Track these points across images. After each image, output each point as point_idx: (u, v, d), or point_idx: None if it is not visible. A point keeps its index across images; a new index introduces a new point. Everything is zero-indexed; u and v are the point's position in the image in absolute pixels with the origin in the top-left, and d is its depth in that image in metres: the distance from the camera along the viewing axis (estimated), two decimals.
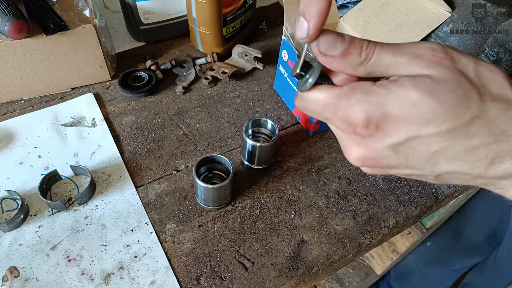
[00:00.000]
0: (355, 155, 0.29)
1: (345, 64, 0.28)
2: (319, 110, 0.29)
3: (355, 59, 0.27)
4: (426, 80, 0.25)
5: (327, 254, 0.55)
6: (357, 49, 0.27)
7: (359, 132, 0.27)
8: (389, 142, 0.27)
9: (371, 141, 0.27)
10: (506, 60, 0.54)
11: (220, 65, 0.78)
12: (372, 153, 0.28)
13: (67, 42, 0.65)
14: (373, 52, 0.27)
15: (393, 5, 0.67)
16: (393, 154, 0.27)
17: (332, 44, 0.27)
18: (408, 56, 0.26)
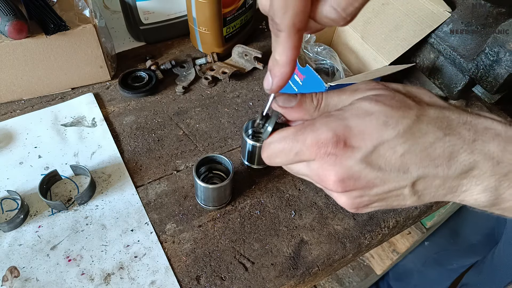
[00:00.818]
0: (334, 178, 0.31)
1: (301, 111, 0.33)
2: (288, 147, 0.32)
3: (309, 106, 0.33)
4: (370, 96, 0.31)
5: (327, 254, 0.55)
6: (308, 98, 0.33)
7: (331, 152, 0.30)
8: (360, 155, 0.29)
9: (344, 158, 0.30)
10: (506, 60, 0.54)
11: (220, 65, 0.78)
12: (349, 171, 0.30)
13: (67, 42, 0.65)
14: (322, 97, 0.33)
15: (393, 5, 0.67)
16: (367, 168, 0.30)
17: (288, 99, 0.33)
18: (349, 92, 0.32)
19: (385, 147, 0.29)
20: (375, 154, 0.29)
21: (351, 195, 0.31)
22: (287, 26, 0.29)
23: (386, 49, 0.66)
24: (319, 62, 0.67)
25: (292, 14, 0.28)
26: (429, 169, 0.29)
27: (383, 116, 0.29)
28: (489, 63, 0.56)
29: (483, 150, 0.29)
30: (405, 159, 0.29)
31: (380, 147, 0.29)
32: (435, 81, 0.69)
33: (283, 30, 0.29)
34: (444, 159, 0.29)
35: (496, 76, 0.56)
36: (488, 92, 0.60)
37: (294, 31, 0.29)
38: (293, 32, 0.29)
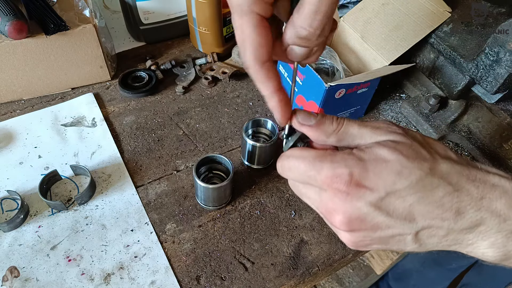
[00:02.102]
0: (341, 218, 0.31)
1: (319, 131, 0.34)
2: (303, 168, 0.32)
3: (328, 128, 0.33)
4: (388, 142, 0.31)
5: (327, 254, 0.55)
6: (328, 120, 0.33)
7: (343, 189, 0.30)
8: (371, 198, 0.30)
9: (355, 198, 0.30)
10: (506, 60, 0.54)
11: (220, 65, 0.78)
12: (357, 212, 0.30)
13: (67, 42, 0.65)
14: (343, 123, 0.33)
15: (393, 5, 0.67)
16: (375, 211, 0.30)
17: (307, 117, 0.34)
18: (370, 128, 0.33)
19: (396, 195, 0.30)
20: (385, 200, 0.30)
21: (354, 234, 0.32)
22: (250, 61, 0.31)
23: (386, 49, 0.65)
24: (319, 62, 0.67)
25: (251, 50, 0.30)
26: (435, 221, 0.30)
27: (399, 165, 0.30)
28: (489, 63, 0.56)
29: (490, 208, 0.30)
30: (413, 209, 0.30)
31: (392, 194, 0.30)
32: (435, 81, 0.69)
33: (248, 66, 0.31)
34: (451, 214, 0.30)
35: (496, 76, 0.56)
36: (488, 92, 0.60)
37: (259, 64, 0.31)
38: (258, 66, 0.31)
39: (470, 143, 0.69)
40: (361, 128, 0.33)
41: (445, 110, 0.72)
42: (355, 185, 0.30)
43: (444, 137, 0.70)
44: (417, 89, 0.76)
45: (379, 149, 0.31)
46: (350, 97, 0.65)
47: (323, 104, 0.62)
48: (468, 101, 0.70)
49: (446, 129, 0.70)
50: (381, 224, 0.31)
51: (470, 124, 0.71)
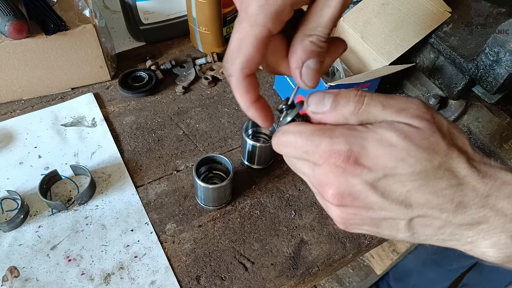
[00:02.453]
0: (334, 191, 0.30)
1: (337, 115, 0.30)
2: (300, 143, 0.30)
3: (345, 108, 0.29)
4: (403, 126, 0.28)
5: (327, 254, 0.55)
6: (344, 98, 0.29)
7: (340, 164, 0.29)
8: (368, 177, 0.29)
9: (351, 175, 0.29)
10: (506, 60, 0.54)
11: (220, 65, 0.78)
12: (351, 188, 0.29)
13: (67, 42, 0.65)
14: (363, 101, 0.29)
15: (393, 5, 0.67)
16: (370, 191, 0.29)
17: (321, 102, 0.30)
18: (396, 109, 0.29)
19: (395, 179, 0.29)
20: (382, 181, 0.29)
21: (345, 210, 0.31)
22: (236, 70, 0.30)
23: (386, 49, 0.65)
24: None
25: (243, 60, 0.29)
26: (433, 211, 0.29)
27: (405, 153, 0.28)
28: (489, 63, 0.56)
29: (496, 206, 0.28)
30: (411, 195, 0.29)
31: (390, 177, 0.29)
32: (435, 81, 0.69)
33: (231, 74, 0.30)
34: (452, 206, 0.29)
35: (496, 76, 0.56)
36: (488, 92, 0.60)
37: (243, 76, 0.30)
38: (242, 76, 0.30)
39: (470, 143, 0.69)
40: (385, 108, 0.29)
41: (445, 110, 0.72)
42: (353, 162, 0.29)
43: None
44: (417, 89, 0.76)
45: (388, 131, 0.28)
46: None
47: None
48: (468, 101, 0.70)
49: None
50: (374, 205, 0.30)
51: (470, 124, 0.71)
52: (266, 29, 0.29)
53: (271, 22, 0.29)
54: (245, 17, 0.29)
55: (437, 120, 0.30)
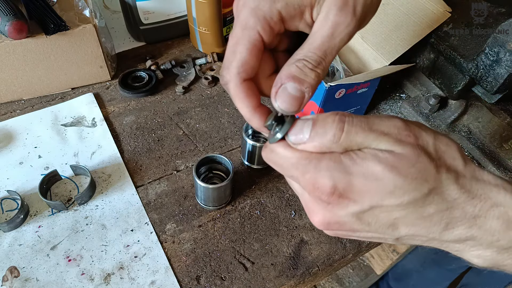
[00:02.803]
0: (320, 220, 0.30)
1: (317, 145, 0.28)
2: (286, 166, 0.30)
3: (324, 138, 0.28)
4: (388, 156, 0.27)
5: (327, 254, 0.55)
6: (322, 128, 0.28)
7: (324, 199, 0.29)
8: (353, 210, 0.28)
9: (336, 208, 0.29)
10: (506, 60, 0.54)
11: (220, 65, 0.78)
12: (337, 218, 0.30)
13: (67, 42, 0.65)
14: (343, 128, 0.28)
15: (393, 5, 0.67)
16: (356, 221, 0.29)
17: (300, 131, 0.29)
18: (377, 134, 0.28)
19: (381, 210, 0.28)
20: (369, 212, 0.29)
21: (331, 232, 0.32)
22: (232, 74, 0.29)
23: (386, 49, 0.65)
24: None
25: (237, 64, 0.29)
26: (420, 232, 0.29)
27: (392, 186, 0.27)
28: (489, 63, 0.56)
29: (484, 227, 0.28)
30: (398, 221, 0.29)
31: (377, 209, 0.28)
32: (435, 81, 0.69)
33: (228, 80, 0.30)
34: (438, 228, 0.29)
35: (496, 76, 0.56)
36: (488, 92, 0.60)
37: (240, 81, 0.30)
38: (239, 81, 0.30)
39: (470, 143, 0.69)
40: (366, 134, 0.28)
41: (445, 110, 0.72)
42: (337, 197, 0.28)
43: None
44: (417, 89, 0.76)
45: (373, 163, 0.27)
46: (350, 97, 0.65)
47: (323, 104, 0.62)
48: (468, 101, 0.70)
49: (446, 129, 0.70)
50: (361, 230, 0.30)
51: (470, 124, 0.71)
52: (257, 32, 0.29)
53: (260, 26, 0.29)
54: (237, 23, 0.30)
55: (422, 140, 0.28)
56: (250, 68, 0.30)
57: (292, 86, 0.28)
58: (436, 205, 0.28)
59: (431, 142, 0.29)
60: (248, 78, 0.30)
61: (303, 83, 0.28)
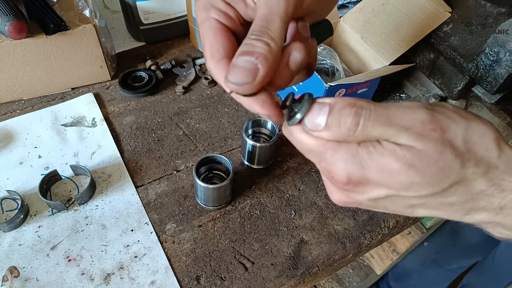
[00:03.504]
0: (337, 199, 0.31)
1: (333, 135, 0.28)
2: (304, 151, 0.30)
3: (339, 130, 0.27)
4: (406, 154, 0.26)
5: (327, 254, 0.55)
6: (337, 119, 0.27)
7: (339, 186, 0.29)
8: (369, 196, 0.29)
9: (352, 193, 0.29)
10: (506, 60, 0.54)
11: None
12: (353, 201, 0.30)
13: (67, 42, 0.65)
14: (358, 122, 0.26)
15: (393, 5, 0.67)
16: (373, 203, 0.30)
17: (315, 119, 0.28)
18: (398, 128, 0.26)
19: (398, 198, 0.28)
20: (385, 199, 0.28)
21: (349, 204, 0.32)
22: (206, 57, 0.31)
23: (386, 49, 0.65)
24: (319, 62, 0.67)
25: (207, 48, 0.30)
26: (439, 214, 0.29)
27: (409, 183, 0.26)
28: (489, 63, 0.56)
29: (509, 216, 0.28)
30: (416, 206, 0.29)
31: (393, 197, 0.28)
32: (435, 81, 0.69)
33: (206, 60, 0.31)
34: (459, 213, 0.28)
35: (496, 76, 0.56)
36: (488, 92, 0.60)
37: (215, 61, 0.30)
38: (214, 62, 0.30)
39: None
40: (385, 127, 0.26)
41: None
42: (352, 186, 0.28)
43: None
44: (417, 89, 0.76)
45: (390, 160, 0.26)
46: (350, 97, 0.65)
47: None
48: (468, 101, 0.69)
49: None
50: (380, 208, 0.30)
51: None
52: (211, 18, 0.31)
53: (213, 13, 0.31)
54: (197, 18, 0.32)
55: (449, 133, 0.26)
56: (219, 52, 0.30)
57: (241, 59, 0.27)
58: (459, 196, 0.27)
59: (460, 134, 0.26)
60: (221, 58, 0.30)
61: (252, 54, 0.27)
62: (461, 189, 0.27)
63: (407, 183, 0.26)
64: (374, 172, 0.27)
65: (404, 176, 0.26)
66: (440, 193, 0.27)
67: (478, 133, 0.27)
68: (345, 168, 0.27)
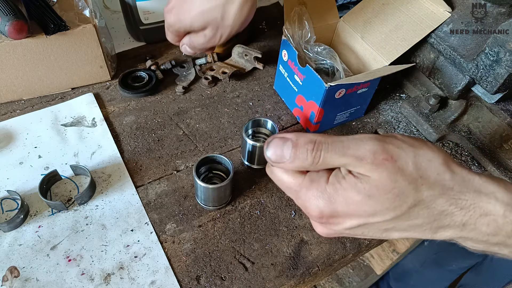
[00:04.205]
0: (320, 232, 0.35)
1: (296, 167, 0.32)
2: (283, 188, 0.35)
3: (303, 163, 0.31)
4: (366, 186, 0.29)
5: (327, 254, 0.55)
6: (302, 154, 0.31)
7: (315, 220, 0.34)
8: (344, 226, 0.32)
9: (329, 225, 0.33)
10: (506, 60, 0.54)
11: (220, 65, 0.78)
12: (334, 232, 0.34)
13: (67, 42, 0.65)
14: (319, 155, 0.30)
15: (393, 5, 0.67)
16: (351, 231, 0.33)
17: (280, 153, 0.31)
18: (353, 159, 0.30)
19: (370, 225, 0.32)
20: (359, 227, 0.32)
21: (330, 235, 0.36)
22: None
23: (386, 49, 0.65)
24: (319, 62, 0.67)
25: None
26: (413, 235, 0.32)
27: (372, 210, 0.30)
28: (489, 63, 0.56)
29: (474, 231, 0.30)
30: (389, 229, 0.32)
31: (365, 225, 0.32)
32: (435, 81, 0.69)
33: None
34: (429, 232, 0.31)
35: (496, 76, 0.56)
36: (488, 92, 0.60)
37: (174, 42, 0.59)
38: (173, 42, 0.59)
39: (470, 143, 0.69)
40: (342, 159, 0.30)
41: (445, 110, 0.72)
42: (326, 219, 0.32)
43: (444, 137, 0.70)
44: (417, 89, 0.76)
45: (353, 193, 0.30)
46: (350, 97, 0.65)
47: (323, 104, 0.62)
48: (468, 101, 0.69)
49: (446, 129, 0.70)
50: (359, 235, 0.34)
51: (470, 124, 0.71)
52: None
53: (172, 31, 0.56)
54: None
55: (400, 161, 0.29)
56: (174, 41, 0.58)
57: None
58: (423, 218, 0.30)
59: (410, 162, 0.29)
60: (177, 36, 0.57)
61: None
62: (423, 212, 0.30)
63: (371, 211, 0.30)
64: (342, 205, 0.31)
65: (367, 206, 0.30)
66: (403, 216, 0.30)
67: (427, 159, 0.30)
68: (317, 204, 0.32)
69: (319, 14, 0.70)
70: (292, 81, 0.68)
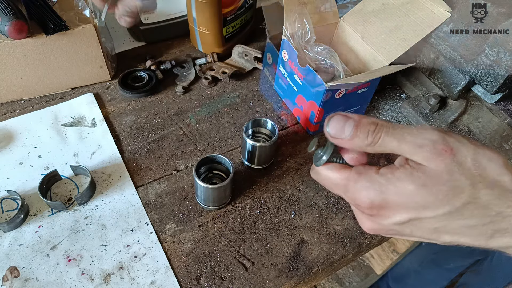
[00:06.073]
0: (367, 227, 0.35)
1: (354, 144, 0.31)
2: (330, 186, 0.35)
3: (362, 142, 0.31)
4: (420, 175, 0.29)
5: (327, 254, 0.55)
6: (363, 133, 0.31)
7: (365, 212, 0.33)
8: (394, 221, 0.31)
9: (378, 219, 0.32)
10: (506, 60, 0.54)
11: (220, 65, 0.78)
12: (381, 227, 0.33)
13: (67, 42, 0.65)
14: (379, 136, 0.30)
15: (393, 5, 0.67)
16: (399, 228, 0.32)
17: (341, 129, 0.31)
18: (412, 146, 0.29)
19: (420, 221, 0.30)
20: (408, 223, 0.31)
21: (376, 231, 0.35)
22: None
23: (386, 49, 0.65)
24: (319, 62, 0.67)
25: None
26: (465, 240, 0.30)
27: (424, 202, 0.29)
28: (489, 63, 0.56)
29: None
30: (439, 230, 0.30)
31: (415, 220, 0.30)
32: (435, 81, 0.69)
33: None
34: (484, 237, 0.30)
35: (496, 76, 0.56)
36: (488, 92, 0.60)
37: None
38: None
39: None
40: (401, 144, 0.29)
41: (445, 110, 0.72)
42: (376, 210, 0.31)
43: None
44: (417, 89, 0.76)
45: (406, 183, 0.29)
46: (350, 97, 0.65)
47: (323, 104, 0.62)
48: (468, 101, 0.69)
49: (446, 129, 0.70)
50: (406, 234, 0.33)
51: (470, 124, 0.71)
52: None
53: None
54: None
55: (459, 156, 0.28)
56: None
57: None
58: (477, 219, 0.29)
59: (470, 157, 0.28)
60: None
61: None
62: (478, 211, 0.28)
63: (423, 203, 0.29)
64: (393, 195, 0.30)
65: (419, 196, 0.29)
66: (456, 214, 0.29)
67: (487, 159, 0.29)
68: (367, 194, 0.31)
69: (319, 14, 0.70)
70: (292, 81, 0.68)
